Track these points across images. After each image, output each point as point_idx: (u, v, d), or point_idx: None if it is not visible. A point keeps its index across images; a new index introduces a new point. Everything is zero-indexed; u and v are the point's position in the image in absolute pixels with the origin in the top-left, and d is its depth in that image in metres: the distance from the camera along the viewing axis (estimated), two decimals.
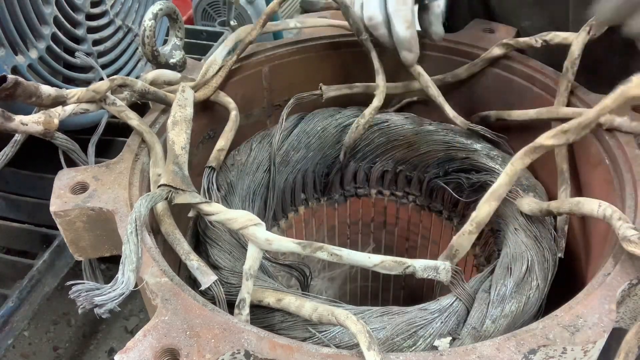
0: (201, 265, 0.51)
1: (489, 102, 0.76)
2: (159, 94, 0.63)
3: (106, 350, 1.41)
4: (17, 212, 1.09)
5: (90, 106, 0.58)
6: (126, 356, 0.40)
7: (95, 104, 0.58)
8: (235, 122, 0.68)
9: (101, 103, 0.59)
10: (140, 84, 0.61)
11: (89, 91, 0.57)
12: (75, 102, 0.57)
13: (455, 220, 0.81)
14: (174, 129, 0.58)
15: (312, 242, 0.48)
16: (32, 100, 0.52)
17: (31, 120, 0.54)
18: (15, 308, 0.91)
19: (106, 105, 0.59)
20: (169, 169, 0.53)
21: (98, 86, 0.57)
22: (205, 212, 0.51)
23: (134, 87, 0.61)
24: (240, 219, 0.49)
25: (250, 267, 0.49)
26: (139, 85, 0.61)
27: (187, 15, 2.11)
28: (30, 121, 0.53)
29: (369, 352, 0.40)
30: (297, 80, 0.80)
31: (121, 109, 0.60)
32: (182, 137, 0.58)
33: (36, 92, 0.52)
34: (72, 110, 0.57)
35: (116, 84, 0.59)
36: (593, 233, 0.60)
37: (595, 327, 0.41)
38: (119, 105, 0.60)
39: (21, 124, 0.53)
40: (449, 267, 0.51)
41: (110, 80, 0.58)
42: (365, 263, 0.49)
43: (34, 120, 0.54)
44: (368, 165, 0.84)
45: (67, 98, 0.56)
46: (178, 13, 0.70)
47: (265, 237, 0.48)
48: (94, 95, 0.57)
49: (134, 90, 0.61)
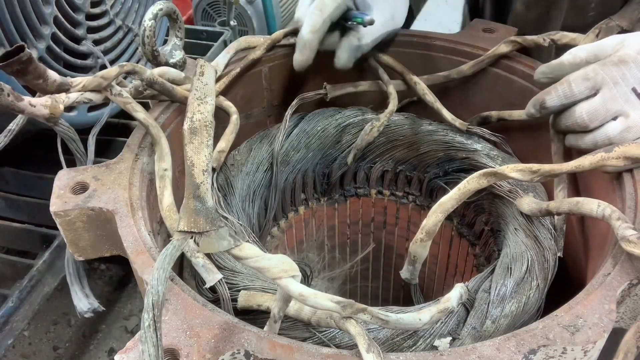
0: (207, 263, 0.51)
1: (490, 102, 0.76)
2: (167, 86, 0.62)
3: (106, 350, 1.41)
4: (17, 212, 1.09)
5: (95, 96, 0.56)
6: (126, 356, 0.40)
7: (99, 93, 0.57)
8: (235, 125, 0.69)
9: (106, 93, 0.57)
10: (149, 72, 0.60)
11: (96, 77, 0.55)
12: (80, 90, 0.55)
13: (455, 220, 0.81)
14: (193, 141, 0.49)
15: (353, 302, 0.42)
16: (39, 82, 0.51)
17: (39, 103, 0.52)
18: (15, 308, 0.91)
19: (112, 96, 0.58)
20: (189, 207, 0.44)
21: (107, 72, 0.56)
22: (236, 256, 0.44)
23: (143, 75, 0.59)
24: (273, 269, 0.42)
25: (280, 309, 0.46)
26: (148, 73, 0.60)
27: (187, 15, 2.11)
28: (38, 103, 0.52)
29: (368, 354, 0.40)
30: (297, 80, 0.80)
31: (127, 101, 0.59)
32: (203, 154, 0.48)
33: (44, 74, 0.51)
34: (77, 97, 0.55)
35: (126, 70, 0.57)
36: (593, 233, 0.60)
37: (595, 327, 0.41)
38: (125, 96, 0.59)
39: (29, 105, 0.51)
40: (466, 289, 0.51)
41: (119, 67, 0.57)
42: (416, 325, 0.44)
43: (42, 103, 0.53)
44: (368, 165, 0.84)
45: (72, 86, 0.55)
46: (178, 13, 0.69)
47: (299, 292, 0.41)
48: (101, 81, 0.55)
49: (142, 79, 0.59)
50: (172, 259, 0.41)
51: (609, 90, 0.56)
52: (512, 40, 0.72)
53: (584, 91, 0.57)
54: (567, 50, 0.62)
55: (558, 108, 0.59)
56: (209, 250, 0.44)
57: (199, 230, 0.43)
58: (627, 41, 0.58)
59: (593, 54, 0.59)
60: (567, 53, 0.61)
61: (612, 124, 0.56)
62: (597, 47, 0.60)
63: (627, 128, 0.55)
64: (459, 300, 0.47)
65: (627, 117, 0.55)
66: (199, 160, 0.49)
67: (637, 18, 0.68)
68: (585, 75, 0.57)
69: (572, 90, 0.57)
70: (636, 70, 0.55)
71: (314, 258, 0.89)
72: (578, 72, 0.58)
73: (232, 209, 0.68)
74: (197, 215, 0.44)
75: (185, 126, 0.52)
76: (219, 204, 0.65)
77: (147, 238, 0.50)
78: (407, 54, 0.78)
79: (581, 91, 0.57)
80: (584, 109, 0.57)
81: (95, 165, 0.58)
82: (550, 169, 0.54)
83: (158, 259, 0.40)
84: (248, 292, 0.53)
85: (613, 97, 0.55)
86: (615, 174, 0.55)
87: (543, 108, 0.60)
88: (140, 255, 0.48)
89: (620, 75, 0.55)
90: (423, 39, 0.78)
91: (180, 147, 0.61)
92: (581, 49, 0.61)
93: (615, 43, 0.59)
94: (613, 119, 0.56)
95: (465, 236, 0.80)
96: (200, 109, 0.54)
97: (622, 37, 0.59)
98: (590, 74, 0.57)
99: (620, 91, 0.55)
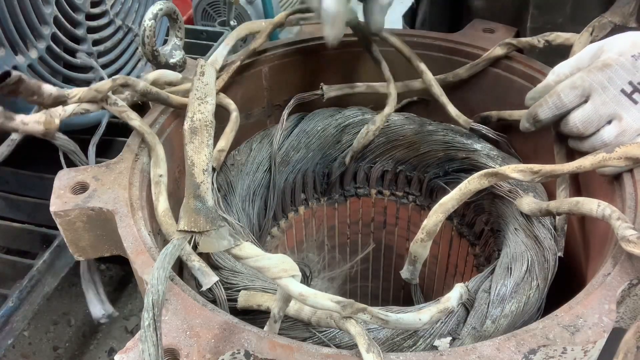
0: (202, 266, 0.51)
1: (490, 102, 0.76)
2: (162, 95, 0.62)
3: (106, 350, 1.41)
4: (17, 212, 1.09)
5: (91, 106, 0.57)
6: (126, 356, 0.40)
7: (96, 104, 0.57)
8: (235, 123, 0.68)
9: (102, 103, 0.58)
10: (143, 84, 0.60)
11: (90, 90, 0.56)
12: (76, 102, 0.56)
13: (455, 220, 0.81)
14: (193, 141, 0.49)
15: (353, 302, 0.42)
16: (34, 98, 0.51)
17: (32, 120, 0.53)
18: (15, 308, 0.91)
19: (107, 106, 0.58)
20: (189, 207, 0.44)
21: (100, 85, 0.57)
22: (236, 256, 0.44)
23: (136, 87, 0.60)
24: (273, 269, 0.42)
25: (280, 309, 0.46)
26: (141, 85, 0.60)
27: (187, 15, 2.11)
28: (31, 121, 0.53)
29: (368, 354, 0.40)
30: (297, 80, 0.80)
31: (122, 109, 0.59)
32: (203, 154, 0.48)
33: (38, 90, 0.51)
34: (73, 110, 0.56)
35: (118, 84, 0.58)
36: (593, 233, 0.60)
37: (595, 327, 0.41)
38: (121, 105, 0.59)
39: (22, 124, 0.52)
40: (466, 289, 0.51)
41: (112, 80, 0.58)
42: (416, 325, 0.44)
43: (35, 120, 0.53)
44: (368, 165, 0.84)
45: (68, 98, 0.55)
46: (178, 13, 0.69)
47: (299, 292, 0.41)
48: (95, 94, 0.56)
49: (135, 90, 0.60)
50: (172, 259, 0.41)
51: (599, 95, 0.56)
52: (507, 43, 0.72)
53: (574, 100, 0.57)
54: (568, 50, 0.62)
55: (551, 120, 0.60)
56: (208, 249, 0.44)
57: (199, 229, 0.43)
58: (606, 46, 0.59)
59: (576, 67, 0.60)
60: (551, 73, 0.62)
61: (607, 129, 0.57)
62: (578, 59, 0.61)
63: (622, 132, 0.56)
64: (459, 300, 0.47)
65: (620, 120, 0.56)
66: (199, 159, 0.49)
67: (630, 12, 0.68)
68: (573, 84, 0.57)
69: (562, 101, 0.58)
70: (622, 72, 0.55)
71: (314, 258, 0.89)
72: (565, 82, 0.58)
73: (232, 209, 0.68)
74: (197, 215, 0.44)
75: (185, 126, 0.52)
76: (219, 204, 0.65)
77: (147, 238, 0.50)
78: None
79: (571, 100, 0.57)
80: (577, 117, 0.58)
81: (95, 165, 0.58)
82: (551, 169, 0.54)
83: (158, 258, 0.40)
84: (248, 292, 0.53)
85: (604, 102, 0.56)
86: (616, 174, 0.55)
87: (537, 122, 0.61)
88: (140, 255, 0.48)
89: (607, 78, 0.56)
90: (423, 39, 0.78)
91: (180, 147, 0.61)
92: (562, 65, 0.62)
93: (594, 50, 0.59)
94: (608, 123, 0.57)
95: (465, 236, 0.80)
96: (200, 109, 0.54)
97: (600, 43, 0.60)
98: (578, 82, 0.57)
99: (609, 95, 0.56)
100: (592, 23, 0.68)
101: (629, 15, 0.68)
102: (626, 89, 0.55)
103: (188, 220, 0.44)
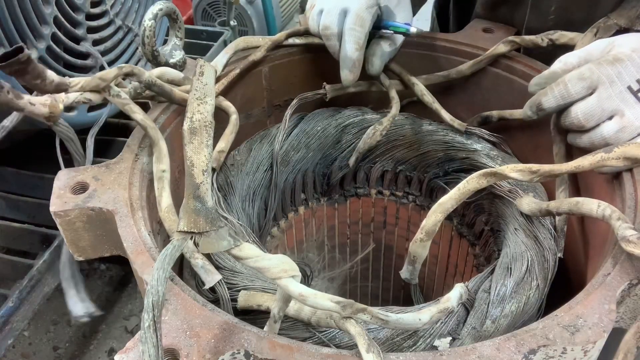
0: (206, 263, 0.51)
1: (490, 102, 0.76)
2: (165, 88, 0.62)
3: (106, 350, 1.42)
4: (17, 212, 1.09)
5: (94, 96, 0.56)
6: (126, 356, 0.40)
7: (99, 94, 0.57)
8: (235, 125, 0.68)
9: (105, 94, 0.57)
10: (148, 74, 0.60)
11: (94, 79, 0.55)
12: (78, 90, 0.55)
13: (455, 220, 0.81)
14: (192, 141, 0.49)
15: (353, 302, 0.42)
16: (37, 82, 0.51)
17: (39, 101, 0.53)
18: (15, 308, 0.92)
19: (110, 97, 0.58)
20: (189, 207, 0.44)
21: (105, 73, 0.56)
22: (236, 257, 0.44)
23: (141, 77, 0.59)
24: (273, 269, 0.42)
25: (280, 309, 0.46)
26: (146, 75, 0.60)
27: (187, 15, 2.11)
28: (38, 102, 0.52)
29: (368, 354, 0.40)
30: (297, 80, 0.80)
31: (125, 102, 0.59)
32: (202, 154, 0.48)
33: (42, 74, 0.51)
34: (76, 98, 0.55)
35: (124, 72, 0.57)
36: (593, 233, 0.60)
37: (595, 327, 0.41)
38: (124, 97, 0.59)
39: (29, 104, 0.52)
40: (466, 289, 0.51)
41: (118, 68, 0.57)
42: (416, 325, 0.44)
43: (42, 102, 0.53)
44: (368, 165, 0.84)
45: (70, 86, 0.55)
46: (178, 13, 0.69)
47: (299, 292, 0.41)
48: (99, 82, 0.55)
49: (140, 80, 0.59)
50: (172, 259, 0.41)
51: (605, 89, 0.56)
52: (510, 40, 0.72)
53: (580, 91, 0.57)
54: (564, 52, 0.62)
55: (555, 109, 0.59)
56: (208, 250, 0.44)
57: (199, 230, 0.43)
58: (618, 41, 0.58)
59: (584, 59, 0.59)
60: (558, 61, 0.61)
61: (607, 124, 0.56)
62: (587, 51, 0.60)
63: (622, 128, 0.55)
64: (459, 300, 0.47)
65: (622, 116, 0.55)
66: (199, 160, 0.48)
67: (636, 15, 0.68)
68: (581, 75, 0.57)
69: (569, 91, 0.57)
70: (632, 68, 0.55)
71: (314, 258, 0.89)
72: (574, 72, 0.58)
73: (232, 209, 0.68)
74: (197, 216, 0.44)
75: (185, 126, 0.52)
76: (219, 204, 0.65)
77: (147, 238, 0.50)
78: (407, 54, 0.78)
79: (577, 91, 0.57)
80: (579, 109, 0.57)
81: (95, 165, 0.58)
82: (550, 169, 0.54)
83: (158, 259, 0.40)
84: (248, 292, 0.53)
85: (609, 96, 0.55)
86: (615, 174, 0.55)
87: (540, 110, 0.60)
88: (140, 255, 0.48)
89: (616, 73, 0.55)
90: (423, 39, 0.78)
91: (180, 147, 0.61)
92: (571, 55, 0.61)
93: (604, 45, 0.59)
94: (609, 118, 0.56)
95: (465, 236, 0.80)
96: (200, 109, 0.53)
97: (610, 39, 0.59)
98: (586, 74, 0.56)
99: (615, 90, 0.55)
100: (597, 24, 0.68)
101: (635, 18, 0.68)
102: (633, 86, 0.55)
103: (188, 221, 0.43)
